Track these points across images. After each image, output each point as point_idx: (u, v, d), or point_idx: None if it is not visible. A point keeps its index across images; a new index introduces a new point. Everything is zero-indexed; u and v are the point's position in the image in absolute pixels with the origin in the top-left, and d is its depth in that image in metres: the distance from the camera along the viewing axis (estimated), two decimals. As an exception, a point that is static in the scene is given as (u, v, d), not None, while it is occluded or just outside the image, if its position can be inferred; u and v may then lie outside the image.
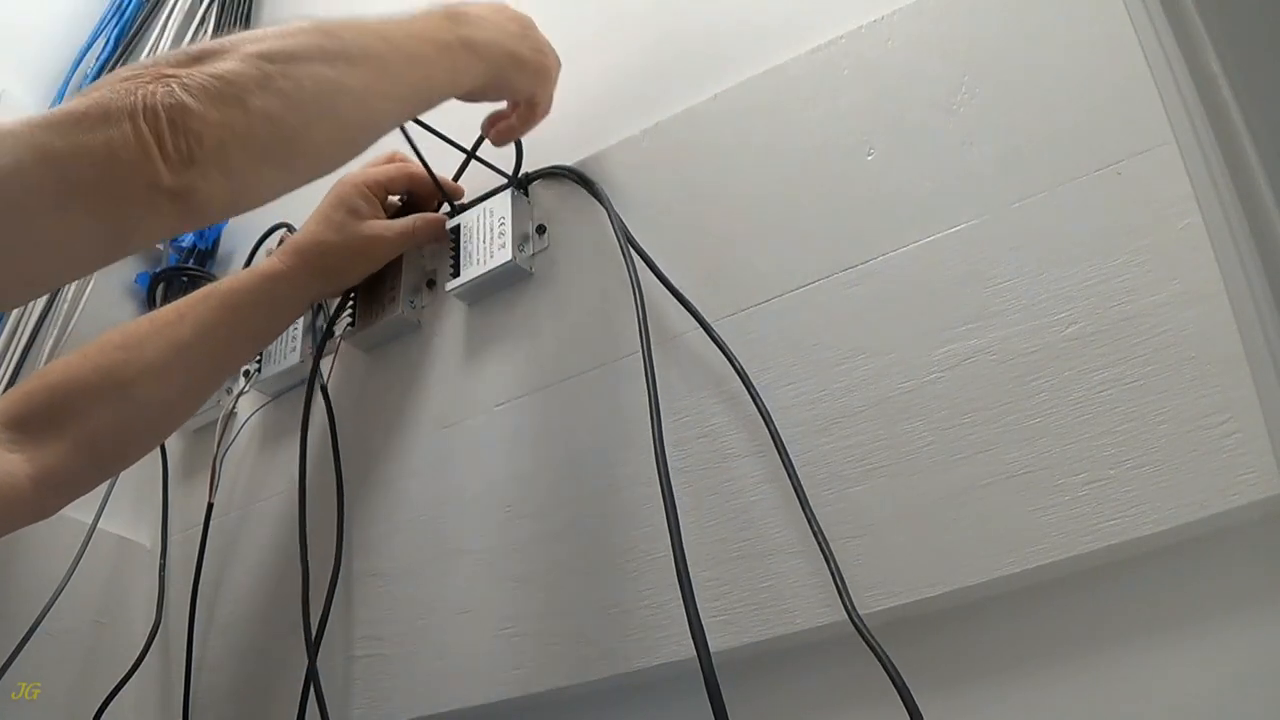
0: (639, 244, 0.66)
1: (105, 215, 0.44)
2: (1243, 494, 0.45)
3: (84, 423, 0.60)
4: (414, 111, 0.61)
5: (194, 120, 0.45)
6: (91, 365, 0.62)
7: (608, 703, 0.60)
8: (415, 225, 0.75)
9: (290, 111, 0.49)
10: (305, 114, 0.50)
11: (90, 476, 0.63)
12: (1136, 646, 0.47)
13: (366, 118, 0.56)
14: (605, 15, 0.81)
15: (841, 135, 0.62)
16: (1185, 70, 0.47)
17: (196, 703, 0.74)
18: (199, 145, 0.45)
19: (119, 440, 0.63)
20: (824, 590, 0.52)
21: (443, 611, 0.65)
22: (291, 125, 0.50)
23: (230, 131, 0.46)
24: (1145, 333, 0.49)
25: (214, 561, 0.78)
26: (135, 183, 0.44)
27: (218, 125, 0.46)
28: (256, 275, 0.70)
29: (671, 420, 0.60)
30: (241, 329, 0.69)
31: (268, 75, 0.48)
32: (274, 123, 0.48)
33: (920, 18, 0.62)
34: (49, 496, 0.59)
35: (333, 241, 0.71)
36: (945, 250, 0.56)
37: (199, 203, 0.46)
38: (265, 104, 0.48)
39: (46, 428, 0.59)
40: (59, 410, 0.60)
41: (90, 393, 0.61)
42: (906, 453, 0.53)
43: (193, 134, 0.45)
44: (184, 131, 0.45)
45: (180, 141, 0.45)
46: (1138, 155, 0.52)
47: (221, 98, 0.46)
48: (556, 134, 0.74)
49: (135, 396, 0.62)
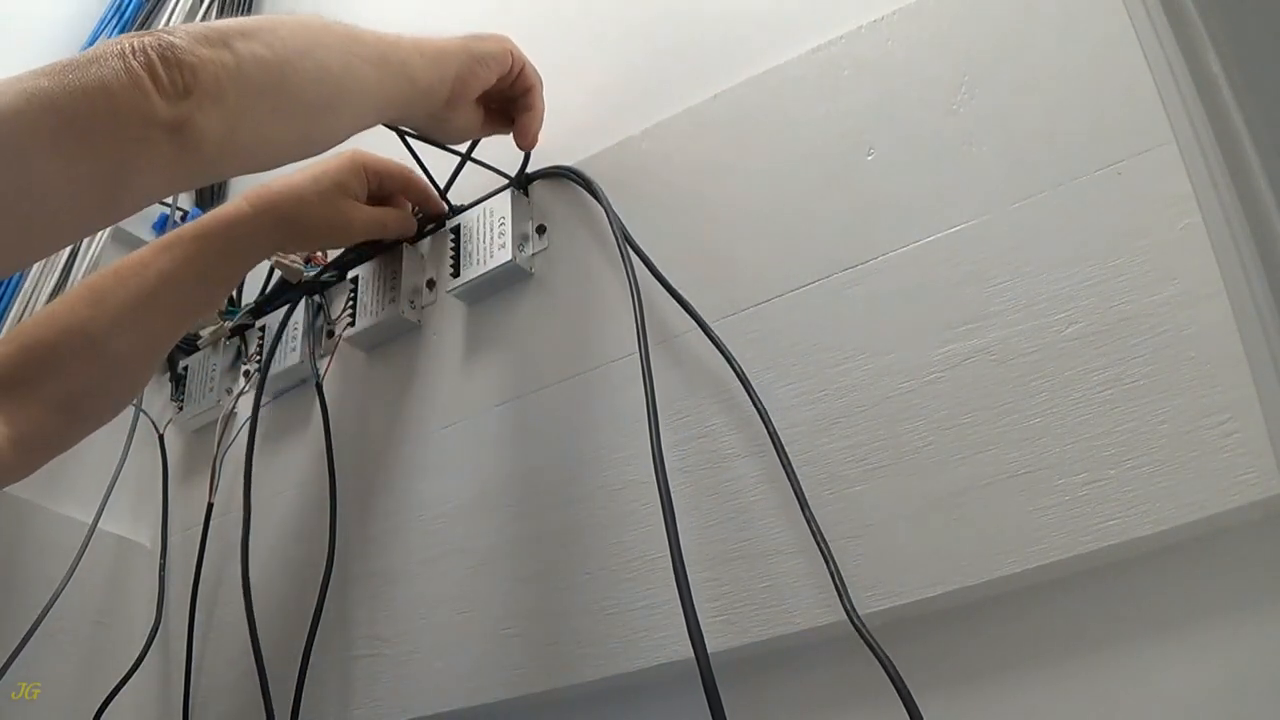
0: (637, 244, 0.66)
1: (102, 153, 0.44)
2: (1243, 494, 0.44)
3: (60, 382, 0.61)
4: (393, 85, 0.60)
5: (184, 55, 0.46)
6: (61, 324, 0.62)
7: (607, 703, 0.60)
8: (387, 218, 0.75)
9: (276, 56, 0.50)
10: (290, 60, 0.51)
11: (70, 434, 0.64)
12: (1136, 646, 0.47)
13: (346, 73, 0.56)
14: (605, 16, 0.81)
15: (841, 135, 0.62)
16: (1185, 70, 0.46)
17: (196, 703, 0.74)
18: (193, 78, 0.46)
19: (95, 396, 0.64)
20: (823, 590, 0.52)
21: (443, 611, 0.65)
22: (279, 68, 0.50)
23: (222, 67, 0.47)
24: (1145, 333, 0.49)
25: (214, 561, 0.78)
26: (130, 118, 0.44)
27: (210, 61, 0.46)
28: (220, 221, 0.68)
29: (670, 420, 0.60)
30: (206, 275, 0.68)
31: (248, 28, 0.50)
32: (262, 65, 0.49)
33: (920, 18, 0.62)
34: (29, 457, 0.60)
35: (312, 205, 0.70)
36: (945, 250, 0.56)
37: (195, 136, 0.46)
38: (251, 48, 0.49)
39: (22, 390, 0.59)
40: (34, 372, 0.60)
41: (63, 352, 0.61)
42: (906, 453, 0.53)
43: (185, 67, 0.45)
44: (176, 65, 0.45)
45: (174, 74, 0.45)
46: (1138, 155, 0.52)
47: (208, 40, 0.47)
48: (556, 134, 0.74)
49: (107, 351, 0.62)
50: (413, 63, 0.61)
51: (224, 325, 0.86)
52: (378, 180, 0.75)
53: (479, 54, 0.66)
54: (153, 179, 0.47)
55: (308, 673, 0.66)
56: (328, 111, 0.55)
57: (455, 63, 0.64)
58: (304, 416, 0.79)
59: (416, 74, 0.61)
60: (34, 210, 0.44)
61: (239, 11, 1.13)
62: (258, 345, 0.83)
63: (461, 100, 0.66)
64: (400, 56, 0.60)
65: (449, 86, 0.64)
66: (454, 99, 0.65)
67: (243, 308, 0.86)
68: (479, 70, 0.65)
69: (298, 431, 0.79)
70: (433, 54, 0.63)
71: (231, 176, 0.54)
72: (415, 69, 0.61)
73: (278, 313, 0.83)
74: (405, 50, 0.61)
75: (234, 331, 0.86)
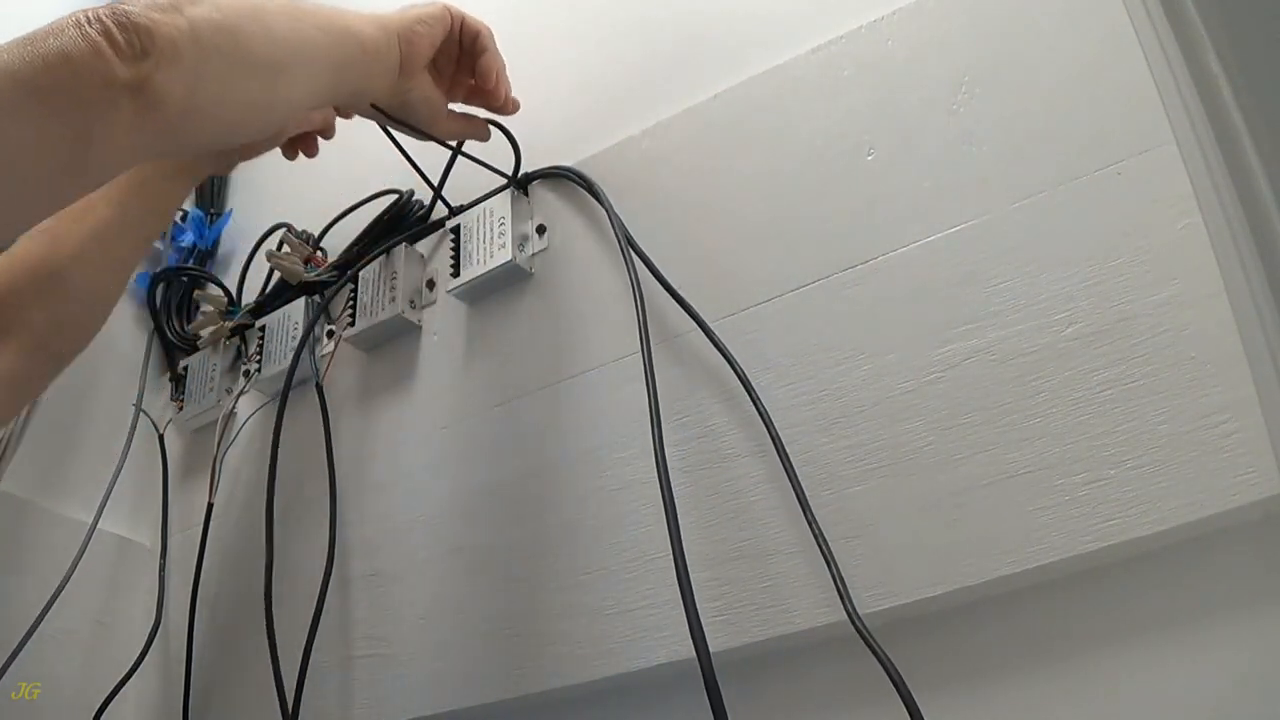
0: (638, 244, 0.66)
1: (65, 116, 0.44)
2: (1243, 494, 0.45)
3: (29, 324, 0.62)
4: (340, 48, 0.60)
5: (139, 19, 0.46)
6: (22, 265, 0.62)
7: (608, 703, 0.60)
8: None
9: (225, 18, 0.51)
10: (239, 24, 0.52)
11: (48, 372, 0.65)
12: (1137, 646, 0.47)
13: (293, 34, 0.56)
14: (605, 16, 0.81)
15: (841, 135, 0.62)
16: (1185, 70, 0.46)
17: (196, 703, 0.74)
18: (150, 40, 0.46)
19: (67, 331, 0.65)
20: (824, 590, 0.52)
21: (442, 611, 0.65)
22: (229, 30, 0.51)
23: (176, 29, 0.48)
24: (1145, 333, 0.49)
25: (214, 561, 0.78)
26: (90, 80, 0.44)
27: (164, 24, 0.47)
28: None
29: (670, 420, 0.60)
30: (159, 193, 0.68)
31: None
32: (214, 25, 0.50)
33: (920, 18, 0.62)
34: (12, 399, 0.61)
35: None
36: (945, 250, 0.56)
37: (156, 96, 0.47)
38: (200, 11, 0.49)
39: None
40: (2, 317, 0.61)
41: (27, 294, 0.62)
42: (906, 453, 0.53)
43: (141, 30, 0.46)
44: (132, 29, 0.46)
45: (131, 37, 0.46)
46: (1138, 155, 0.52)
47: (159, 7, 0.48)
48: (556, 134, 0.74)
49: (69, 285, 0.63)
50: (356, 26, 0.61)
51: (224, 325, 0.86)
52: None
53: (416, 14, 0.66)
54: (118, 141, 0.47)
55: (308, 673, 0.66)
56: (281, 71, 0.55)
57: (395, 24, 0.64)
58: (304, 416, 0.79)
59: (362, 36, 0.61)
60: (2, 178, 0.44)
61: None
62: (258, 345, 0.83)
63: (413, 66, 0.65)
64: (343, 22, 0.60)
65: (396, 49, 0.63)
66: (406, 65, 0.64)
67: (243, 308, 0.86)
68: (419, 29, 0.65)
69: (298, 431, 0.78)
70: (372, 19, 0.63)
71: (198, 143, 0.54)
72: (360, 32, 0.61)
73: (278, 313, 0.83)
74: (347, 17, 0.61)
75: (234, 331, 0.86)
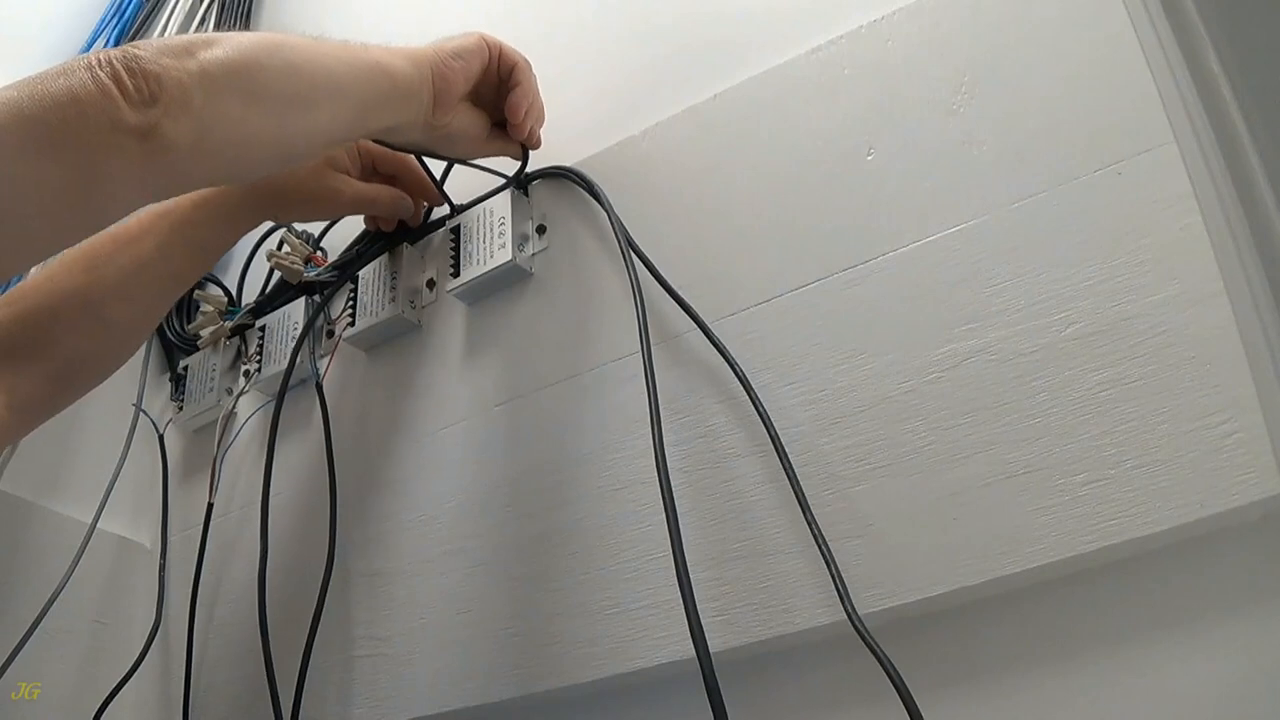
0: (638, 244, 0.66)
1: (71, 158, 0.44)
2: (1243, 494, 0.45)
3: (59, 349, 0.62)
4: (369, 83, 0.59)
5: (149, 64, 0.46)
6: (60, 290, 0.62)
7: (608, 703, 0.60)
8: (379, 194, 0.75)
9: (242, 56, 0.51)
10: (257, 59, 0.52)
11: (65, 399, 0.65)
12: (1136, 646, 0.47)
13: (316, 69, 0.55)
14: (605, 16, 0.81)
15: (841, 135, 0.62)
16: (1185, 70, 0.46)
17: (196, 703, 0.74)
18: (159, 86, 0.46)
19: (92, 363, 0.65)
20: (824, 590, 0.52)
21: (443, 611, 0.65)
22: (245, 67, 0.51)
23: (187, 74, 0.48)
24: (1145, 333, 0.49)
25: (214, 561, 0.78)
26: (98, 123, 0.44)
27: (174, 69, 0.47)
28: (214, 189, 0.68)
29: (670, 420, 0.60)
30: (201, 243, 0.69)
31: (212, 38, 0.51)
32: (228, 66, 0.50)
33: (920, 18, 0.62)
34: (25, 421, 0.61)
35: (301, 175, 0.71)
36: (945, 250, 0.56)
37: (164, 142, 0.47)
38: (214, 53, 0.49)
39: (21, 356, 0.60)
40: (32, 338, 0.61)
41: (62, 319, 0.62)
42: (906, 453, 0.53)
43: (150, 76, 0.46)
44: (141, 75, 0.46)
45: (140, 83, 0.46)
46: (1138, 155, 0.52)
47: (171, 51, 0.48)
48: (556, 134, 0.74)
49: (104, 318, 0.63)
50: (386, 61, 0.60)
51: (224, 325, 0.86)
52: (370, 159, 0.75)
53: (451, 48, 0.65)
54: (125, 184, 0.47)
55: (308, 673, 0.66)
56: (302, 108, 0.54)
57: (429, 59, 0.63)
58: (304, 416, 0.79)
59: (392, 71, 0.60)
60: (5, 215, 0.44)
61: (238, 12, 1.12)
62: (258, 345, 0.83)
63: (448, 101, 0.64)
64: (372, 57, 0.59)
65: (430, 84, 0.62)
66: (440, 101, 0.63)
67: (243, 308, 0.86)
68: (454, 63, 0.64)
69: (298, 431, 0.79)
70: (404, 53, 0.62)
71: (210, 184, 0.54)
72: (390, 67, 0.60)
73: (278, 313, 0.83)
74: (376, 52, 0.60)
75: (234, 331, 0.86)
